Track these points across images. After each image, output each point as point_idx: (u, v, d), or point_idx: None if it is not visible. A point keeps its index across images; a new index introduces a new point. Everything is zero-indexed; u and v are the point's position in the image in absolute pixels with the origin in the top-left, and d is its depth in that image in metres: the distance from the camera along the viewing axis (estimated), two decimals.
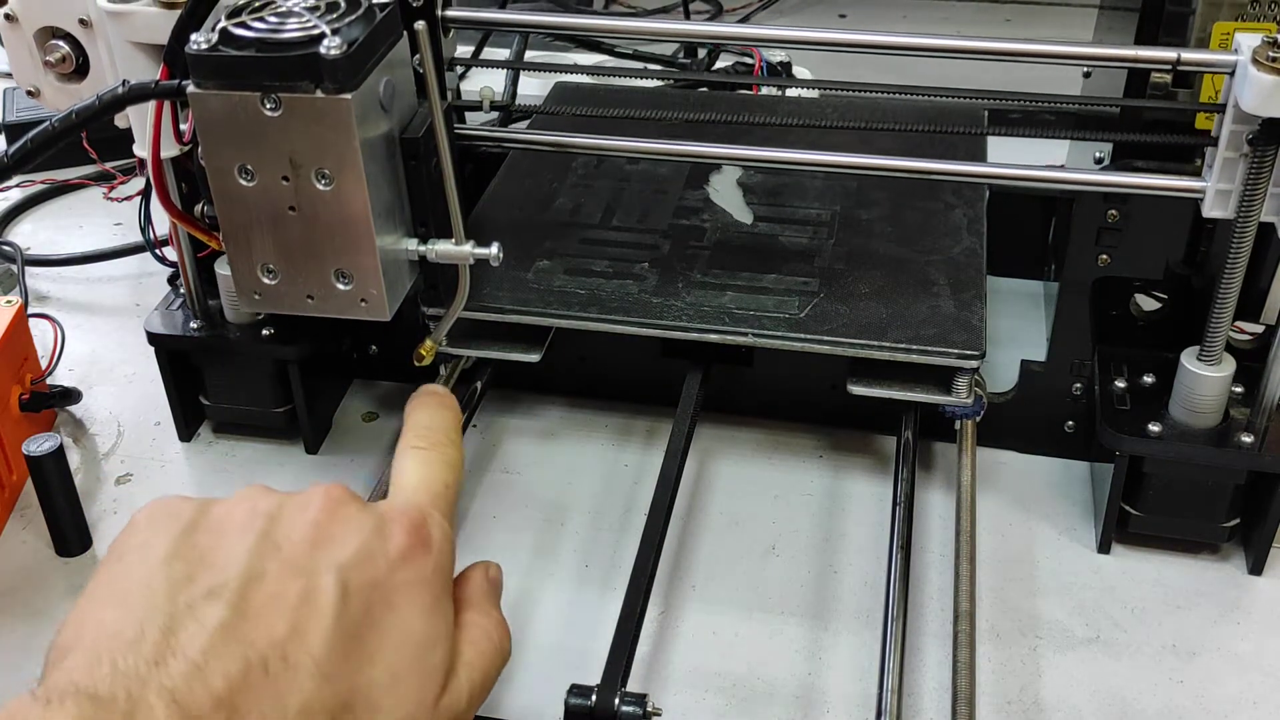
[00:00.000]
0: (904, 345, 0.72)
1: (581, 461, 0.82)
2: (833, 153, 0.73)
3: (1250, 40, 0.61)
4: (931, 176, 0.74)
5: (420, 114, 0.64)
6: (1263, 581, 0.73)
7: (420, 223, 0.65)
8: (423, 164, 0.63)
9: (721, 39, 1.00)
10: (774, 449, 0.83)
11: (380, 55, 0.60)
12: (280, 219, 0.61)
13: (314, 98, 0.57)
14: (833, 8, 1.46)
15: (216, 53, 0.57)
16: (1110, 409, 0.72)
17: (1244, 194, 0.63)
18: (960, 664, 0.62)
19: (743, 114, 0.85)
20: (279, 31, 0.57)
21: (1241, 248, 0.64)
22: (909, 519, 0.72)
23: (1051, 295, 0.85)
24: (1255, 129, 0.61)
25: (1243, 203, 0.63)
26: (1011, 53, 0.66)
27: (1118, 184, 0.68)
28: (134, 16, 0.67)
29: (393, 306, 0.64)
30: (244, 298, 0.64)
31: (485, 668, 0.52)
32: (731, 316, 0.74)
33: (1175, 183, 0.66)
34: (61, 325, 0.91)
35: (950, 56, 0.69)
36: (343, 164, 0.59)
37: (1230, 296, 0.66)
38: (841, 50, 0.70)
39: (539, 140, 0.78)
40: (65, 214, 1.11)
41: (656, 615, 0.71)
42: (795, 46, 0.87)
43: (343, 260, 0.62)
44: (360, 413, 0.87)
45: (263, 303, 0.63)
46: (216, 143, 0.59)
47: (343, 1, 0.60)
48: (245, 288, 0.64)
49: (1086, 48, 0.68)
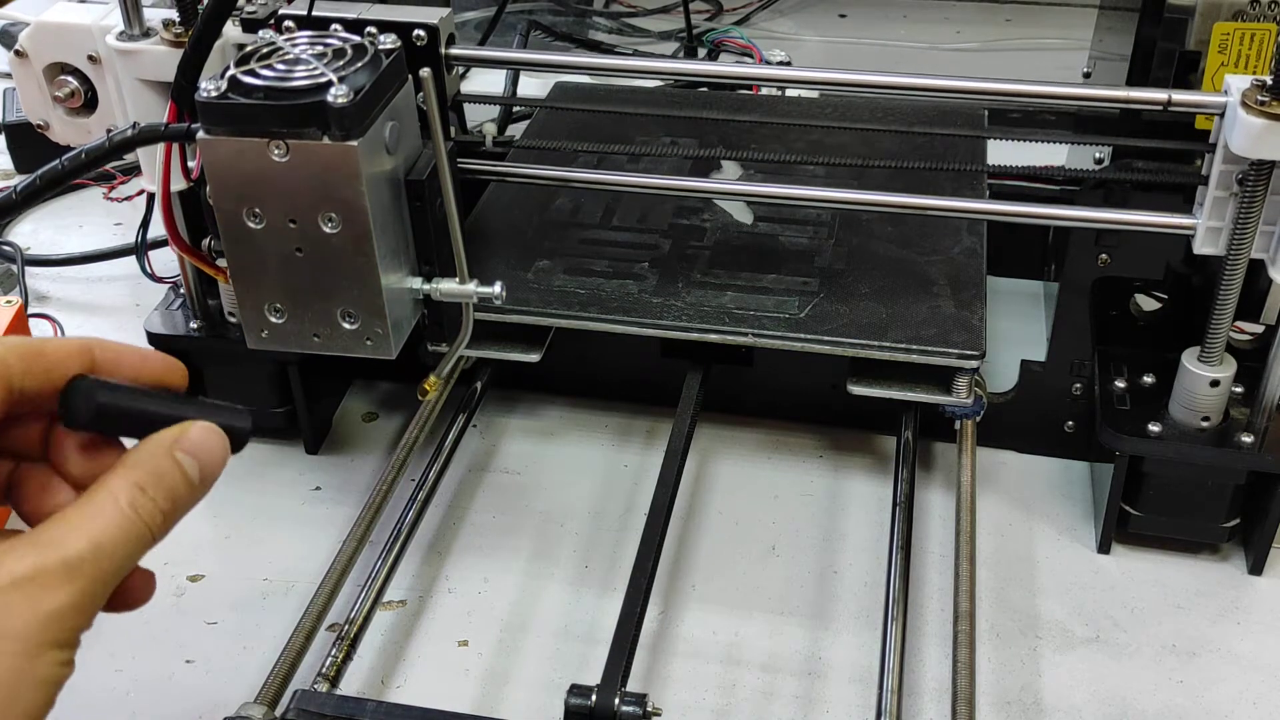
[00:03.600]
0: (904, 345, 0.72)
1: (581, 461, 0.82)
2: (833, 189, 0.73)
3: (1240, 82, 0.61)
4: (929, 213, 0.75)
5: (425, 155, 0.65)
6: (1263, 581, 0.73)
7: (425, 261, 0.66)
8: (427, 205, 0.64)
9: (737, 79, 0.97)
10: (774, 449, 0.83)
11: (386, 100, 0.61)
12: (287, 260, 0.61)
13: (321, 144, 0.57)
14: (833, 7, 1.46)
15: (226, 100, 0.58)
16: (1110, 409, 0.72)
17: (1234, 231, 0.64)
18: (960, 664, 0.62)
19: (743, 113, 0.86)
20: (287, 79, 0.58)
21: (1233, 279, 0.65)
22: (909, 519, 0.72)
23: (1051, 295, 0.85)
24: (1245, 169, 0.62)
25: (1233, 240, 0.64)
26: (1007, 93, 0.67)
27: (1111, 221, 0.69)
28: (142, 54, 0.68)
29: (398, 345, 0.65)
30: (251, 335, 0.64)
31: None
32: (731, 316, 0.74)
33: (1167, 219, 0.67)
34: (61, 325, 0.92)
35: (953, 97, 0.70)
36: (349, 208, 0.59)
37: (1230, 297, 0.66)
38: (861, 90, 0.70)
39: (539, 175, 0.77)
40: (65, 214, 1.11)
41: (656, 615, 0.71)
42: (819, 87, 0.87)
43: (348, 300, 0.62)
44: (360, 413, 0.87)
45: (269, 340, 0.64)
46: (225, 186, 0.60)
47: (349, 48, 0.60)
48: (252, 325, 0.64)
49: (1080, 88, 0.68)
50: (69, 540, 0.35)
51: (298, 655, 0.63)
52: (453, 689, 0.67)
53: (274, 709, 0.59)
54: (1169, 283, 0.78)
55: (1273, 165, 0.62)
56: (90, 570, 0.35)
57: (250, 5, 0.69)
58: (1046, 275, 0.94)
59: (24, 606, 0.34)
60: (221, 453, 0.40)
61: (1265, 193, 0.63)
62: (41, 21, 0.71)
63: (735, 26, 1.36)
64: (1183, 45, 0.68)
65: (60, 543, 0.35)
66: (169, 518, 0.38)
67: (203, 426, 0.40)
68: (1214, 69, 0.67)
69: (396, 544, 0.71)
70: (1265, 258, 0.65)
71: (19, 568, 0.34)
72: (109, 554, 0.36)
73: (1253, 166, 0.62)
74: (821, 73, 0.70)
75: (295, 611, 0.67)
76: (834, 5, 1.46)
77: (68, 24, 0.71)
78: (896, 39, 1.39)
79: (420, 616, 0.72)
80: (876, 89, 0.71)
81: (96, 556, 0.35)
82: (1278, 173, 0.62)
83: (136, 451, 0.38)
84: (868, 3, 1.46)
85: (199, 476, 0.39)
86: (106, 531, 0.36)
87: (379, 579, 0.69)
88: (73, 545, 0.35)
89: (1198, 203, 0.66)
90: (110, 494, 0.37)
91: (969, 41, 1.38)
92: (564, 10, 1.44)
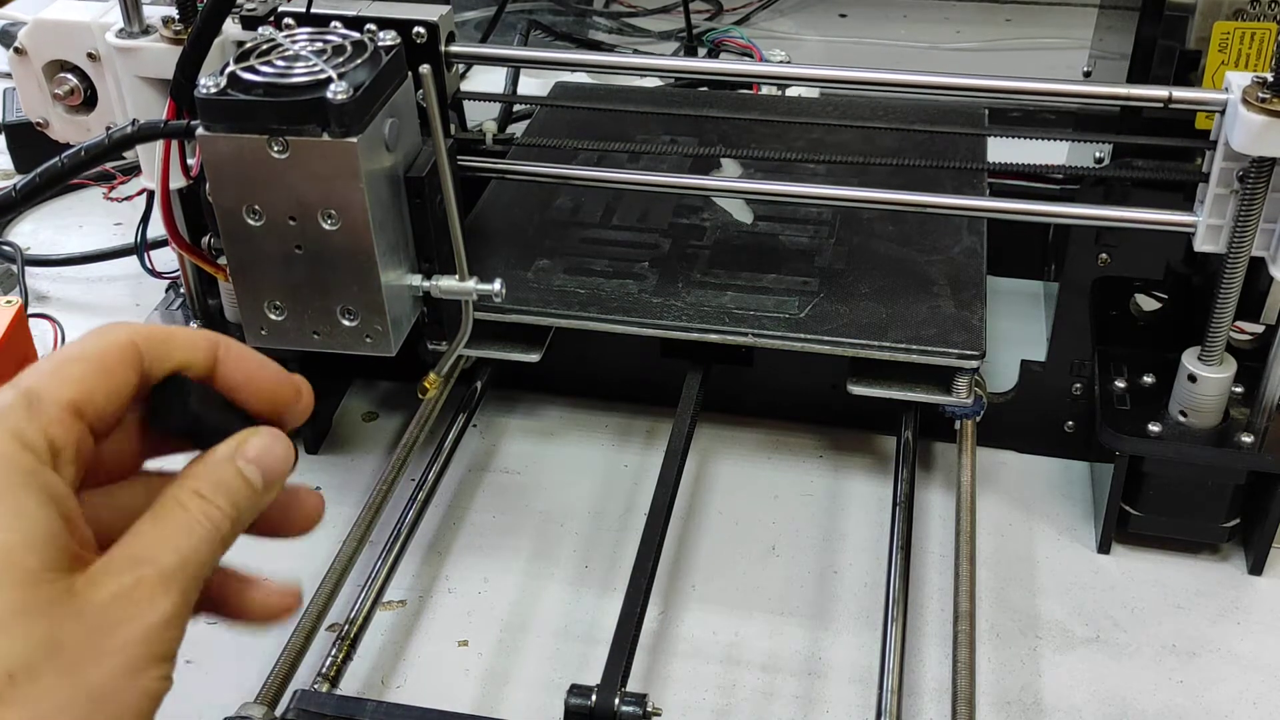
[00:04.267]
0: (904, 345, 0.72)
1: (581, 461, 0.82)
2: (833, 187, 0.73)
3: (1241, 79, 0.61)
4: (929, 210, 0.74)
5: (424, 152, 0.65)
6: (1263, 581, 0.73)
7: (424, 259, 0.66)
8: (427, 202, 0.64)
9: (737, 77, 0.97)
10: (774, 449, 0.83)
11: (386, 97, 0.60)
12: (287, 258, 0.61)
13: (320, 141, 0.57)
14: (833, 7, 1.46)
15: (225, 96, 0.57)
16: (1110, 409, 0.72)
17: (1235, 229, 0.64)
18: (960, 664, 0.62)
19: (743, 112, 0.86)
20: (286, 76, 0.58)
21: (1234, 277, 0.65)
22: (909, 519, 0.72)
23: (1051, 295, 0.85)
24: (1245, 166, 0.62)
25: (1234, 238, 0.64)
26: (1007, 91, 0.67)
27: (1112, 219, 0.69)
28: (142, 52, 0.68)
29: (397, 342, 0.65)
30: (250, 333, 0.64)
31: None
32: (731, 316, 0.74)
33: (1168, 217, 0.67)
34: (61, 325, 0.91)
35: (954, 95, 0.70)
36: (348, 204, 0.59)
37: (1231, 295, 0.66)
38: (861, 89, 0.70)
39: (539, 173, 0.77)
40: (65, 214, 1.11)
41: (656, 615, 0.71)
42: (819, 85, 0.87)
43: (348, 298, 0.62)
44: (360, 412, 0.87)
45: (269, 338, 0.64)
46: (225, 183, 0.60)
47: (349, 45, 0.60)
48: (252, 323, 0.64)
49: (1080, 86, 0.68)
50: (159, 554, 0.35)
51: (298, 655, 0.63)
52: (453, 689, 0.67)
53: (274, 709, 0.59)
54: (1169, 282, 0.78)
55: (1273, 162, 0.61)
56: (182, 581, 0.35)
57: (250, 2, 0.69)
58: (1046, 275, 0.94)
59: (126, 621, 0.34)
60: (284, 456, 0.40)
61: (1266, 190, 0.62)
62: (41, 19, 0.71)
63: (735, 26, 1.36)
64: (1183, 44, 0.68)
65: (152, 558, 0.35)
66: (236, 524, 0.38)
67: (264, 433, 0.40)
68: (1214, 68, 0.67)
69: (396, 544, 0.71)
70: (1266, 255, 0.65)
71: (121, 584, 0.34)
72: (194, 562, 0.36)
73: (1253, 164, 0.62)
74: (822, 71, 0.70)
75: (295, 611, 0.67)
76: (834, 5, 1.46)
77: (67, 21, 0.70)
78: (896, 39, 1.39)
79: (420, 616, 0.72)
80: (877, 87, 0.71)
81: (184, 566, 0.36)
82: (1278, 170, 0.62)
83: (198, 463, 0.39)
84: (868, 2, 1.46)
85: (263, 482, 0.39)
86: (188, 541, 0.36)
87: (379, 579, 0.69)
88: (164, 559, 0.35)
89: (1198, 200, 0.66)
90: (178, 504, 0.37)
91: (969, 41, 1.38)
92: (564, 10, 1.44)
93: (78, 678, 0.33)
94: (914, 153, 0.83)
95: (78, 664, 0.33)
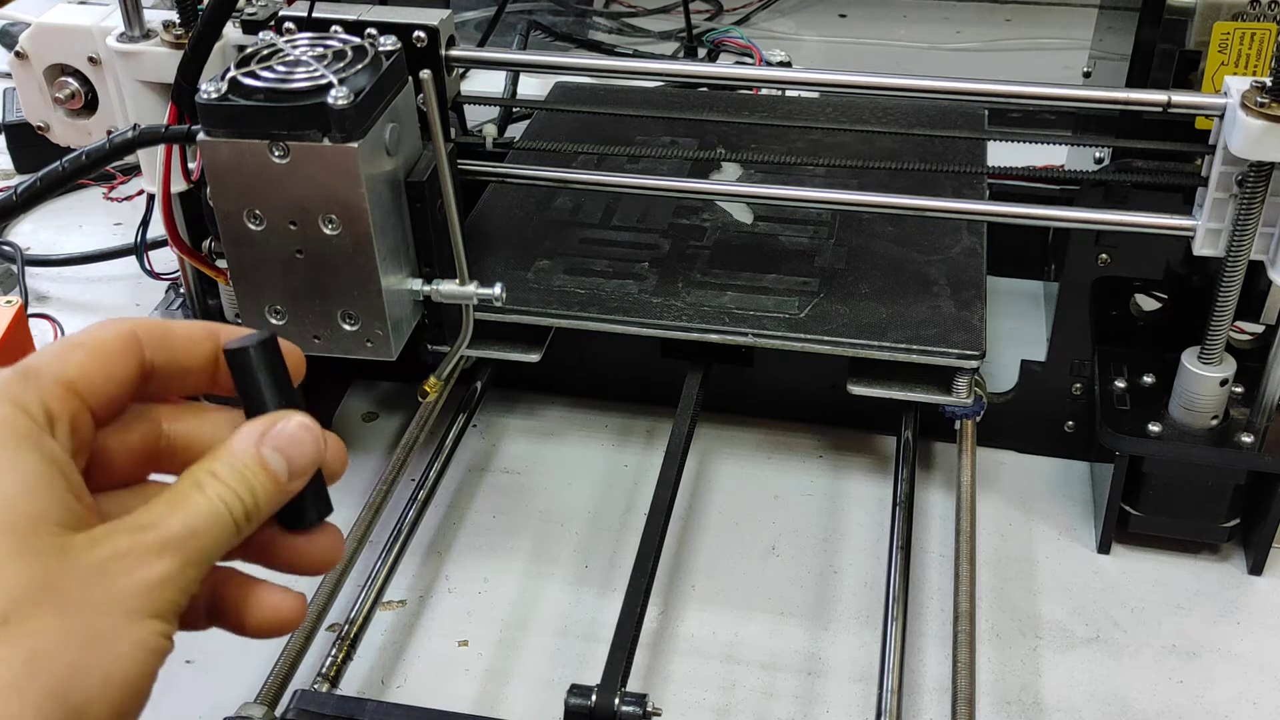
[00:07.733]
0: (904, 345, 0.72)
1: (581, 461, 0.82)
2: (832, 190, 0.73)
3: (1239, 84, 0.61)
4: (929, 214, 0.74)
5: (425, 156, 0.65)
6: (1263, 581, 0.73)
7: (425, 263, 0.66)
8: (428, 206, 0.64)
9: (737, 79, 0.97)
10: (774, 449, 0.83)
11: (386, 102, 0.61)
12: (288, 262, 0.61)
13: (321, 146, 0.58)
14: (833, 7, 1.46)
15: (226, 102, 0.58)
16: (1110, 409, 0.72)
17: (1234, 233, 0.64)
18: (960, 664, 0.62)
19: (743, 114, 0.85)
20: (287, 81, 0.58)
21: (1233, 280, 0.65)
22: (909, 519, 0.72)
23: (1051, 295, 0.85)
24: (1244, 170, 0.62)
25: (1233, 242, 0.64)
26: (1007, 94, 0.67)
27: (1111, 222, 0.69)
28: (143, 56, 0.68)
29: (398, 346, 0.65)
30: None
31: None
32: (731, 316, 0.74)
33: (1167, 220, 0.67)
34: (61, 325, 0.92)
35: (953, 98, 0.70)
36: (349, 209, 0.59)
37: (1230, 298, 0.66)
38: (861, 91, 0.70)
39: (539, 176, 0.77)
40: (65, 214, 1.11)
41: (656, 615, 0.71)
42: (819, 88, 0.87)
43: (348, 302, 0.63)
44: (360, 412, 0.87)
45: None
46: (226, 188, 0.60)
47: (349, 50, 0.60)
48: (253, 327, 0.64)
49: (1080, 89, 0.68)
50: (163, 522, 0.36)
51: (298, 655, 0.63)
52: (453, 689, 0.67)
53: (274, 709, 0.60)
54: (1169, 283, 0.78)
55: (1272, 167, 0.62)
56: (184, 549, 0.36)
57: (250, 7, 0.69)
58: (1046, 275, 0.94)
59: (121, 574, 0.35)
60: (313, 449, 0.40)
61: (1265, 194, 0.63)
62: (42, 23, 0.71)
63: (735, 26, 1.36)
64: (1183, 45, 0.68)
65: (155, 524, 0.36)
66: (252, 510, 0.38)
67: (299, 422, 0.40)
68: (1214, 68, 0.67)
69: (396, 544, 0.71)
70: (1265, 259, 0.65)
71: (119, 544, 0.35)
72: (201, 536, 0.37)
73: (1252, 168, 0.62)
74: (822, 74, 0.70)
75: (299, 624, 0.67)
76: (834, 5, 1.46)
77: (68, 25, 0.71)
78: (896, 39, 1.39)
79: (420, 616, 0.72)
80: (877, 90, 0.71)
81: (187, 537, 0.36)
82: (1277, 174, 0.62)
83: (226, 443, 0.39)
84: (868, 3, 1.46)
85: (287, 473, 0.39)
86: (198, 517, 0.37)
87: (379, 579, 0.69)
88: (167, 526, 0.36)
89: (1197, 204, 0.66)
90: (195, 484, 0.37)
91: (969, 41, 1.38)
92: (564, 10, 1.44)
93: (72, 620, 0.33)
94: (914, 155, 0.83)
95: (72, 607, 0.33)
